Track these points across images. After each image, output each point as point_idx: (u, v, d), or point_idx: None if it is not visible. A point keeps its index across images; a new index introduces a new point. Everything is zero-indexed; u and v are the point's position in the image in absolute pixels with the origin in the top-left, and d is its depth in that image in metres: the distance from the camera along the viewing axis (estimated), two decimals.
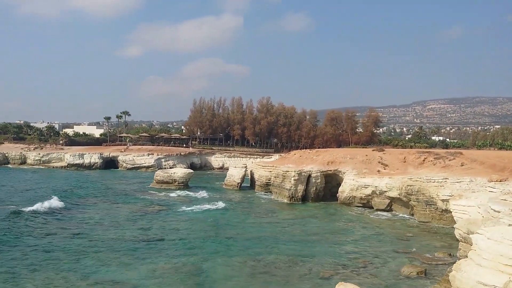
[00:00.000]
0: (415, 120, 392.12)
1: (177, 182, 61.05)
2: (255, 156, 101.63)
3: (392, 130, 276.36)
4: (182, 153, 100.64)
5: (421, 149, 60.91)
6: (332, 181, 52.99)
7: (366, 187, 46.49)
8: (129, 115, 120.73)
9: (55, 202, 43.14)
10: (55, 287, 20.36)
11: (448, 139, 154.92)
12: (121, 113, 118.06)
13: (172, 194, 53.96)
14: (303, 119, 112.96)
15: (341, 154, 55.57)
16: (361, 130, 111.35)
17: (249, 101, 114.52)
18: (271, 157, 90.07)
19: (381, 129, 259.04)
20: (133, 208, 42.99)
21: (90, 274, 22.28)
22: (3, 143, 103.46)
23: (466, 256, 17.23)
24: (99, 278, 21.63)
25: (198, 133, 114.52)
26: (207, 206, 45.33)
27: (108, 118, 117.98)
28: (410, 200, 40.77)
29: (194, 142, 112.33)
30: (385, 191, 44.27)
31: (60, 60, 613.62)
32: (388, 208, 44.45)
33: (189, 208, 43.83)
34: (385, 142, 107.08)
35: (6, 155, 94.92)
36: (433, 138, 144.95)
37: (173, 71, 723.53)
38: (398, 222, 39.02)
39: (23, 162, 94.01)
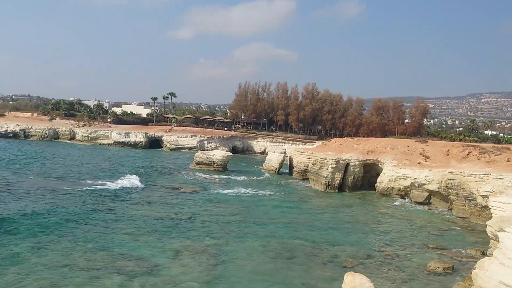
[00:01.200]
0: (468, 113, 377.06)
1: (215, 164, 61.61)
2: (298, 143, 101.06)
3: (444, 123, 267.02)
4: (224, 136, 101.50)
5: (466, 143, 58.45)
6: (371, 171, 51.91)
7: (405, 179, 45.22)
8: (175, 96, 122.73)
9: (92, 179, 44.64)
10: (78, 257, 20.98)
11: (502, 134, 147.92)
12: (167, 94, 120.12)
13: (209, 176, 54.52)
14: (349, 107, 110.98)
15: (382, 144, 54.22)
16: (408, 120, 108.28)
17: (294, 87, 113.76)
18: (313, 144, 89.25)
19: (431, 121, 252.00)
20: (168, 188, 43.76)
21: (114, 247, 22.87)
22: (55, 119, 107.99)
23: None
24: (122, 253, 22.16)
25: (242, 117, 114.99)
26: (241, 190, 45.53)
27: (155, 99, 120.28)
28: (450, 195, 39.31)
29: (237, 125, 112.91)
30: (424, 184, 42.88)
31: (114, 42, 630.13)
32: (427, 202, 43.05)
33: (223, 191, 44.17)
34: (432, 134, 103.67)
35: (57, 130, 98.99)
36: (485, 132, 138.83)
37: (223, 54, 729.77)
38: (435, 216, 37.73)
39: (72, 137, 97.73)
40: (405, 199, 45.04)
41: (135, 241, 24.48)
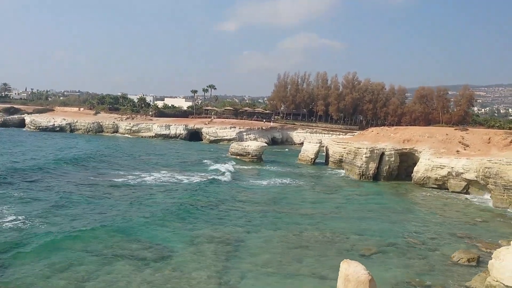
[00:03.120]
0: None
1: (250, 155, 61.57)
2: (338, 133, 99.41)
3: (496, 111, 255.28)
4: (263, 128, 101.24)
5: (510, 130, 55.54)
6: (408, 160, 50.26)
7: (442, 168, 43.52)
8: (215, 88, 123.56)
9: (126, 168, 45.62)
10: (97, 241, 21.42)
11: None
12: (207, 86, 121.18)
13: (243, 166, 54.56)
14: (391, 96, 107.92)
15: (419, 132, 52.38)
16: (454, 109, 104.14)
17: (334, 76, 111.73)
18: (354, 134, 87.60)
19: (482, 110, 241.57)
20: (200, 176, 44.14)
21: (133, 233, 23.24)
22: (100, 113, 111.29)
23: None
24: (139, 238, 22.51)
25: (282, 108, 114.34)
26: (272, 180, 45.26)
27: (194, 91, 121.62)
28: (488, 184, 37.47)
29: (276, 117, 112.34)
30: (462, 173, 41.14)
31: (160, 37, 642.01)
32: (465, 191, 41.28)
33: (254, 181, 44.09)
34: (479, 122, 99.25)
35: (101, 123, 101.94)
36: None
37: (268, 46, 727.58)
38: (472, 206, 36.07)
39: (116, 131, 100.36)
40: (442, 189, 43.37)
41: (156, 227, 24.80)
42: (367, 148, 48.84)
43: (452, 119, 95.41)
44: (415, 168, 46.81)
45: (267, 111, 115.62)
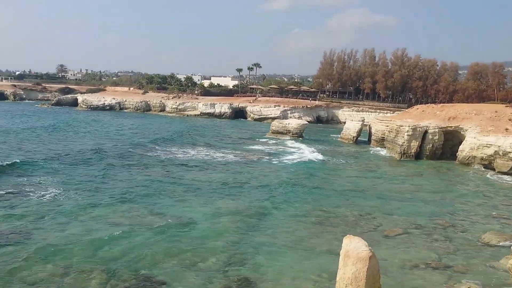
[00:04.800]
0: None
1: (291, 133, 61.19)
2: (385, 111, 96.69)
3: None
4: (308, 106, 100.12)
5: None
6: (453, 138, 48.15)
7: (488, 147, 41.43)
8: (260, 67, 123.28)
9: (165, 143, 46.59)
10: (121, 213, 22.02)
11: None
12: (252, 65, 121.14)
13: (282, 144, 54.29)
14: (442, 73, 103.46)
15: (466, 110, 49.93)
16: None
17: (382, 53, 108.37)
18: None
19: None
20: (236, 154, 44.35)
21: (158, 207, 23.66)
22: (148, 92, 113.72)
23: None
24: (162, 211, 22.93)
25: (327, 86, 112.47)
26: (310, 157, 44.70)
27: (240, 70, 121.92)
28: None
29: (322, 95, 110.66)
30: (509, 152, 39.01)
31: (210, 17, 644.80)
32: None
33: (291, 158, 43.75)
34: None
35: (149, 102, 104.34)
36: None
37: (318, 24, 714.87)
38: None
39: (162, 109, 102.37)
40: (488, 169, 41.34)
41: (181, 201, 25.18)
42: (409, 126, 47.19)
43: (508, 97, 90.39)
44: (460, 147, 44.88)
45: (313, 90, 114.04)
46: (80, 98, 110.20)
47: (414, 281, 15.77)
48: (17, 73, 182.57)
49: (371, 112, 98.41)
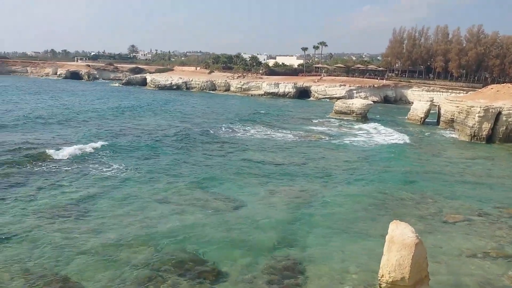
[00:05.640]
0: None
1: (355, 113, 59.72)
2: (458, 91, 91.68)
3: None
4: (375, 85, 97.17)
5: None
6: None
7: None
8: (326, 45, 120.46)
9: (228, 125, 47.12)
10: (172, 192, 22.56)
11: None
12: (318, 43, 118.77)
13: (344, 125, 53.21)
14: None
15: None
16: None
17: (455, 30, 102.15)
18: None
19: None
20: (295, 135, 43.99)
21: (210, 186, 24.00)
22: (214, 72, 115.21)
23: None
24: (214, 191, 23.23)
25: (396, 65, 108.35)
26: (372, 139, 43.61)
27: (305, 49, 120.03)
28: None
29: (390, 74, 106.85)
30: None
31: None
32: None
33: (352, 139, 42.80)
34: None
35: (214, 82, 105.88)
36: None
37: (391, 0, 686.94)
38: None
39: (227, 89, 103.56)
40: None
41: (233, 181, 25.33)
42: (481, 107, 44.50)
43: None
44: None
45: (381, 68, 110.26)
46: (148, 77, 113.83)
47: (469, 271, 14.91)
48: (92, 53, 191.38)
49: (442, 92, 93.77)
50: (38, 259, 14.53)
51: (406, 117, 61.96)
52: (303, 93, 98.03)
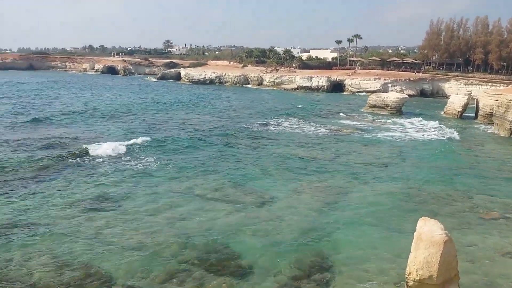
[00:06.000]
0: None
1: (389, 107, 58.61)
2: (498, 84, 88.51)
3: None
4: (411, 78, 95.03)
5: None
6: None
7: None
8: (360, 38, 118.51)
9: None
10: (210, 190, 22.59)
11: None
12: (352, 36, 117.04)
13: (378, 119, 52.31)
14: None
15: None
16: None
17: (496, 21, 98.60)
18: None
19: None
20: (328, 129, 43.59)
21: (241, 181, 24.03)
22: (247, 66, 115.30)
23: None
24: (245, 185, 23.27)
25: (433, 58, 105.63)
26: (406, 133, 42.70)
27: (339, 42, 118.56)
28: None
29: (427, 67, 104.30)
30: None
31: None
32: None
33: (385, 133, 42.01)
34: None
35: (247, 76, 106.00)
36: None
37: None
38: None
39: (260, 83, 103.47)
40: None
41: (264, 176, 25.25)
42: None
43: None
44: None
45: (417, 61, 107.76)
46: (182, 72, 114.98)
47: (504, 271, 14.36)
48: (128, 49, 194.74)
49: (481, 85, 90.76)
50: (68, 251, 14.90)
51: (443, 111, 60.41)
52: (336, 87, 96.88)
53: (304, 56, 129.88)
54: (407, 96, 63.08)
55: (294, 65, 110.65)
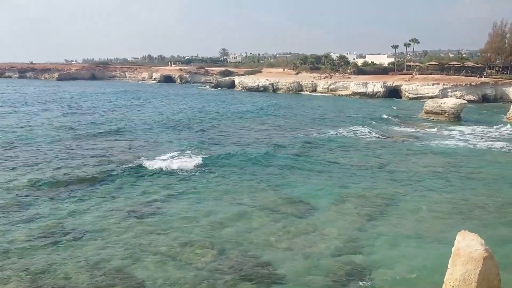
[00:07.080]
0: None
1: (446, 113, 56.26)
2: None
3: None
4: (472, 83, 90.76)
5: None
6: None
7: None
8: (418, 42, 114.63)
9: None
10: (251, 198, 22.50)
11: None
12: (409, 40, 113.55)
13: (434, 126, 50.21)
14: None
15: None
16: None
17: None
18: None
19: None
20: (381, 135, 42.50)
21: (283, 189, 23.79)
22: (301, 73, 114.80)
23: None
24: (286, 193, 22.98)
25: (497, 61, 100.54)
26: (464, 142, 40.57)
27: (395, 47, 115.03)
28: None
29: (490, 71, 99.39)
30: None
31: None
32: None
33: (440, 142, 40.12)
34: None
35: (300, 83, 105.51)
36: None
37: None
38: None
39: (314, 89, 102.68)
40: None
41: (306, 184, 24.85)
42: None
43: None
44: None
45: (478, 65, 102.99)
46: (236, 80, 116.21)
47: None
48: (185, 58, 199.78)
49: None
50: (106, 256, 15.24)
51: (505, 117, 57.24)
52: (393, 93, 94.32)
53: (360, 61, 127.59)
54: (466, 101, 60.25)
55: (348, 71, 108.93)
